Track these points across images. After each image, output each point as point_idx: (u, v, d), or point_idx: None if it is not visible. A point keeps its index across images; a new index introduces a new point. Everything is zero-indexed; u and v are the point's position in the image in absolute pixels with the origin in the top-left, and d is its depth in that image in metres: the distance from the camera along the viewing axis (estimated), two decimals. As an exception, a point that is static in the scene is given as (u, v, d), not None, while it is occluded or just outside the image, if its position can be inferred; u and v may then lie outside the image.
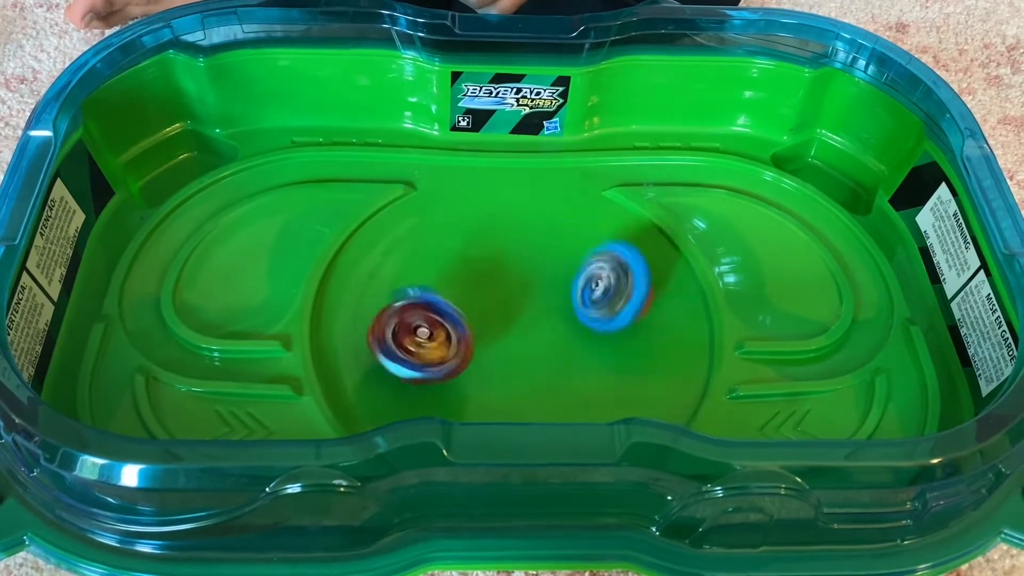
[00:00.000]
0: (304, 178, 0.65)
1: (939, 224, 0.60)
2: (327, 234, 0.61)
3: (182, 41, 0.61)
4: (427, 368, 0.51)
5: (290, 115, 0.66)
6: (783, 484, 0.40)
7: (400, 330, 0.52)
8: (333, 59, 0.64)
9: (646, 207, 0.64)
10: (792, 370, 0.57)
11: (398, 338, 0.52)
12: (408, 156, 0.66)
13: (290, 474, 0.39)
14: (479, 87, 0.65)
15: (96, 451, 0.40)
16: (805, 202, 0.66)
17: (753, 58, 0.66)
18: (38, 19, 0.78)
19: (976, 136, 0.56)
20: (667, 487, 0.42)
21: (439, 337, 0.52)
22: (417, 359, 0.51)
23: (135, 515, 0.41)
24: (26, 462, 0.42)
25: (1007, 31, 0.84)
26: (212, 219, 0.62)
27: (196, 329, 0.56)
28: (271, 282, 0.59)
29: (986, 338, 0.54)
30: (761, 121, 0.69)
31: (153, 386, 0.53)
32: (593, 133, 0.68)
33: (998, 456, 0.42)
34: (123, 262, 0.59)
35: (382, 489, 0.41)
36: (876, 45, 0.62)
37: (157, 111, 0.64)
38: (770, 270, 0.62)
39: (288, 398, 0.53)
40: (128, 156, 0.63)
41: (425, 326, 0.52)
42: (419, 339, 0.52)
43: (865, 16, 0.85)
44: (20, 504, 0.43)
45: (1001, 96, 0.78)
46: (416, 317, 0.52)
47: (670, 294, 0.60)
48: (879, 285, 0.61)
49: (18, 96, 0.72)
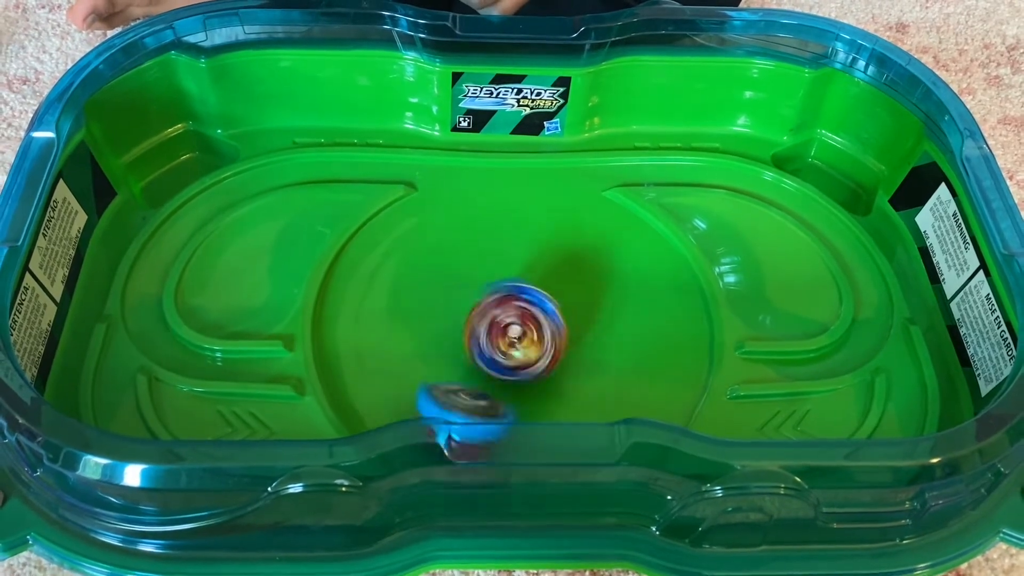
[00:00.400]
0: (305, 179, 0.65)
1: (939, 224, 0.60)
2: (328, 234, 0.62)
3: (184, 42, 0.61)
4: (519, 372, 0.51)
5: (291, 116, 0.66)
6: (782, 484, 0.40)
7: (493, 330, 0.51)
8: (334, 60, 0.64)
9: (646, 207, 0.65)
10: (792, 370, 0.57)
11: (492, 339, 0.51)
12: (409, 157, 0.67)
13: (292, 474, 0.39)
14: (480, 88, 0.65)
15: (99, 451, 0.40)
16: (805, 202, 0.66)
17: (753, 59, 0.66)
18: (40, 20, 0.78)
19: (975, 136, 0.56)
20: (667, 487, 0.42)
21: (531, 335, 0.50)
22: (511, 361, 0.51)
23: (138, 515, 0.42)
24: (29, 462, 0.42)
25: (1007, 31, 0.84)
26: (214, 219, 0.62)
27: (198, 329, 0.56)
28: (273, 282, 0.59)
29: (985, 338, 0.54)
30: (761, 121, 0.69)
31: (155, 386, 0.53)
32: (593, 133, 0.68)
33: (997, 456, 0.42)
34: (125, 262, 0.59)
35: (384, 489, 0.41)
36: (875, 46, 0.63)
37: (159, 112, 0.64)
38: (770, 270, 0.62)
39: (290, 398, 0.54)
40: (130, 157, 0.64)
41: (518, 323, 0.50)
42: (512, 338, 0.50)
43: (865, 16, 0.86)
44: (23, 504, 0.43)
45: (1001, 96, 0.79)
46: (508, 314, 0.51)
47: (670, 294, 0.60)
48: (879, 285, 0.62)
49: (20, 97, 0.73)
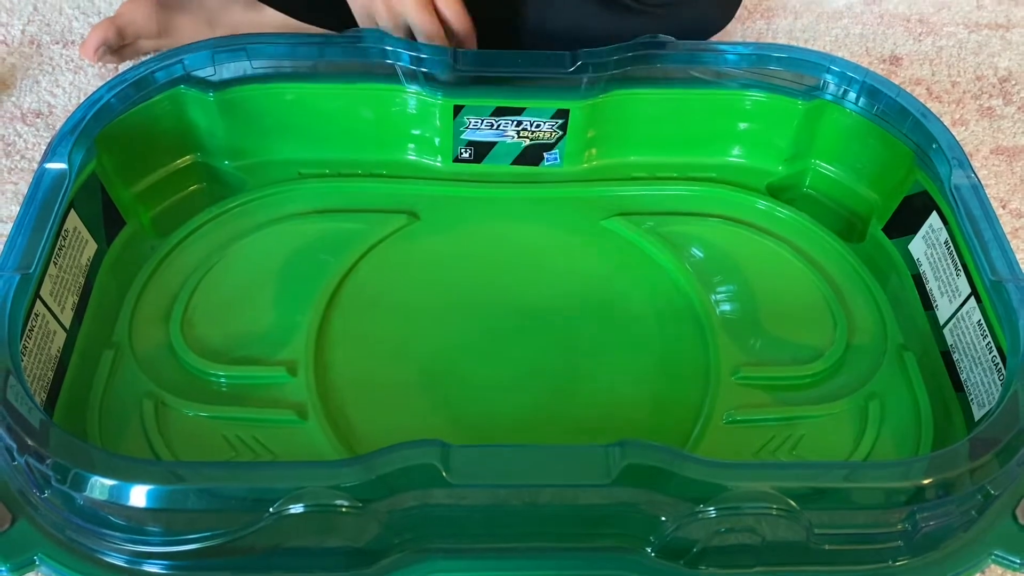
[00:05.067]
0: (310, 208, 0.66)
1: (931, 252, 0.61)
2: (332, 263, 0.63)
3: (193, 76, 0.63)
4: None
5: (297, 147, 0.68)
6: (774, 505, 0.41)
7: None
8: (339, 93, 0.66)
9: (644, 236, 0.66)
10: (787, 395, 0.58)
11: None
12: (411, 187, 0.68)
13: (293, 495, 0.40)
14: (481, 120, 0.67)
15: (105, 472, 0.41)
16: (800, 230, 0.67)
17: (747, 91, 0.67)
18: (54, 55, 0.81)
19: (964, 166, 0.57)
20: (661, 508, 0.42)
21: None
22: None
23: (143, 535, 0.42)
24: (38, 484, 0.43)
25: (999, 63, 0.86)
26: (220, 248, 0.64)
27: (204, 355, 0.57)
28: (277, 309, 0.61)
29: (978, 363, 0.55)
30: (756, 152, 0.70)
31: (161, 411, 0.54)
32: (592, 164, 0.70)
33: (987, 477, 0.43)
34: (133, 290, 0.61)
35: (383, 510, 0.42)
36: (866, 78, 0.64)
37: (168, 144, 0.66)
38: (766, 297, 0.63)
39: (292, 422, 0.54)
40: (139, 187, 0.65)
41: None
42: None
43: (860, 49, 0.87)
44: (31, 525, 0.44)
45: (993, 127, 0.80)
46: None
47: (667, 321, 0.61)
48: (873, 311, 0.62)
49: (34, 130, 0.75)
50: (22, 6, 0.85)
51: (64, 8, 0.85)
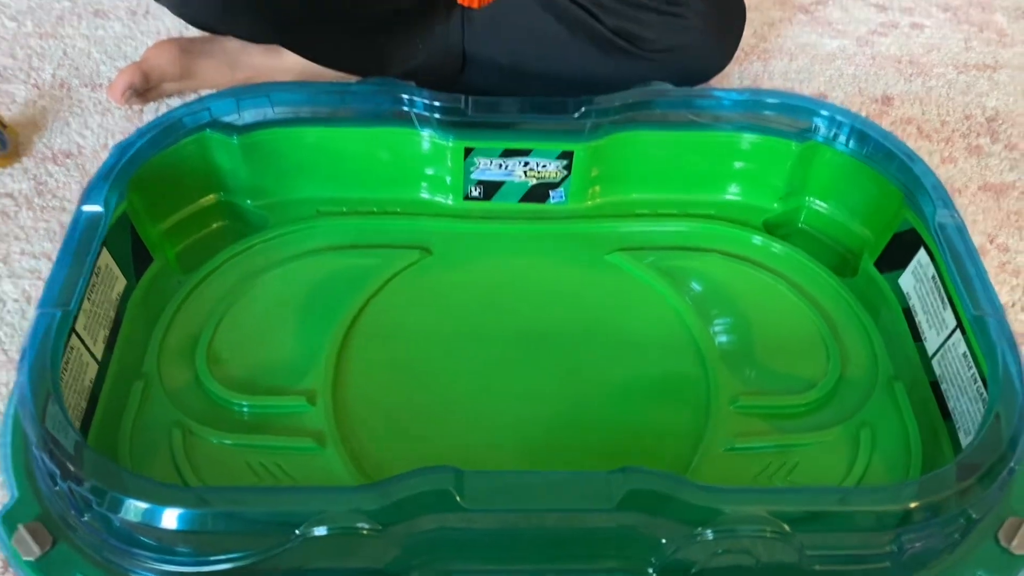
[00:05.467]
0: (328, 244, 0.70)
1: (919, 286, 0.64)
2: (349, 296, 0.66)
3: (219, 121, 0.67)
4: None
5: (316, 187, 0.71)
6: (768, 527, 0.44)
7: None
8: (356, 136, 0.69)
9: (646, 270, 0.69)
10: (783, 423, 0.60)
11: None
12: (424, 223, 0.71)
13: (318, 518, 0.43)
14: (490, 161, 0.70)
15: (141, 496, 0.44)
16: (796, 265, 0.70)
17: (743, 133, 0.71)
18: (83, 98, 0.85)
19: (948, 206, 0.61)
20: (662, 531, 0.45)
21: None
22: None
23: (175, 556, 0.45)
24: (78, 508, 0.46)
25: (986, 103, 0.90)
26: (243, 283, 0.67)
27: (228, 385, 0.60)
28: (297, 341, 0.64)
29: (964, 393, 0.58)
30: (752, 190, 0.73)
31: (188, 439, 0.57)
32: (595, 201, 0.73)
33: (970, 500, 0.46)
34: (161, 323, 0.64)
35: (401, 533, 0.45)
36: (854, 122, 0.68)
37: (193, 184, 0.69)
38: (762, 329, 0.66)
39: (312, 450, 0.57)
40: (166, 225, 0.69)
41: None
42: None
43: (853, 89, 0.91)
44: (71, 548, 0.47)
45: (981, 164, 0.83)
46: None
47: (668, 352, 0.64)
48: (865, 343, 0.65)
49: (64, 170, 0.78)
50: (52, 51, 0.89)
51: (92, 53, 0.89)
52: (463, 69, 0.79)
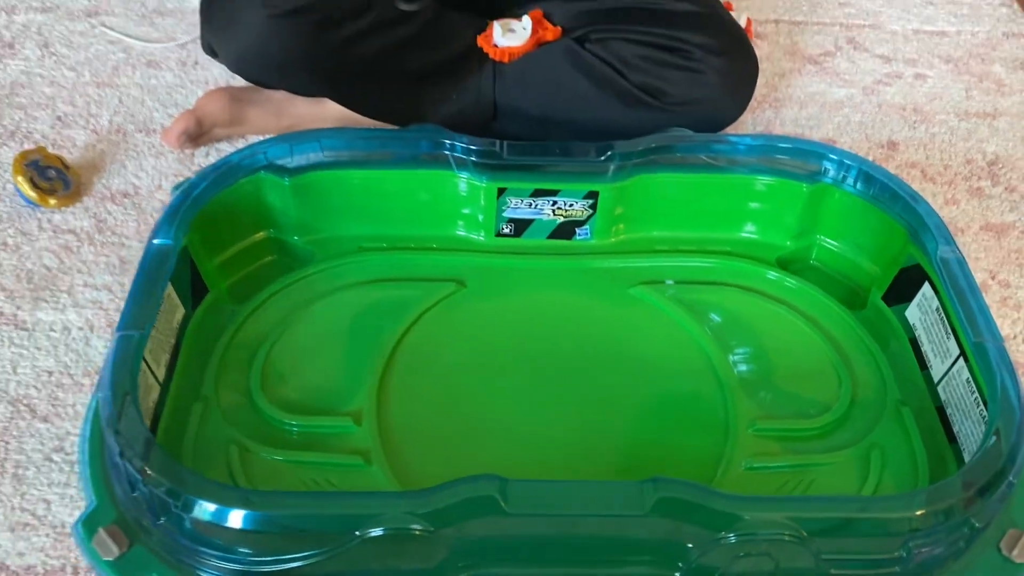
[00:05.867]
0: (370, 278, 0.75)
1: (925, 317, 0.69)
2: (391, 325, 0.71)
3: (273, 164, 0.73)
4: None
5: (359, 225, 0.77)
6: (786, 532, 0.48)
7: None
8: (397, 178, 0.75)
9: (667, 303, 0.74)
10: (798, 445, 0.65)
11: None
12: (460, 258, 0.76)
13: (376, 519, 0.47)
14: (521, 200, 0.76)
15: (214, 499, 0.49)
16: (808, 299, 0.75)
17: (757, 175, 0.76)
18: (138, 142, 0.91)
19: (949, 242, 0.65)
20: (688, 536, 0.49)
21: None
22: None
23: (241, 556, 0.50)
24: (154, 511, 0.50)
25: (987, 148, 0.95)
26: (292, 313, 0.72)
27: (279, 407, 0.65)
28: (343, 366, 0.68)
29: (967, 417, 0.62)
30: (766, 229, 0.78)
31: (245, 456, 0.62)
32: (619, 238, 0.78)
33: (972, 510, 0.49)
34: (217, 350, 0.69)
35: (450, 536, 0.49)
36: (861, 165, 0.73)
37: (247, 222, 0.75)
38: (778, 358, 0.70)
39: (359, 466, 0.62)
40: (220, 259, 0.74)
41: None
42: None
43: (859, 135, 0.96)
44: (146, 549, 0.51)
45: (983, 205, 0.88)
46: None
47: (689, 378, 0.69)
48: (874, 371, 0.70)
49: (122, 208, 0.84)
50: (109, 99, 0.95)
51: (146, 101, 0.95)
52: (494, 118, 0.84)
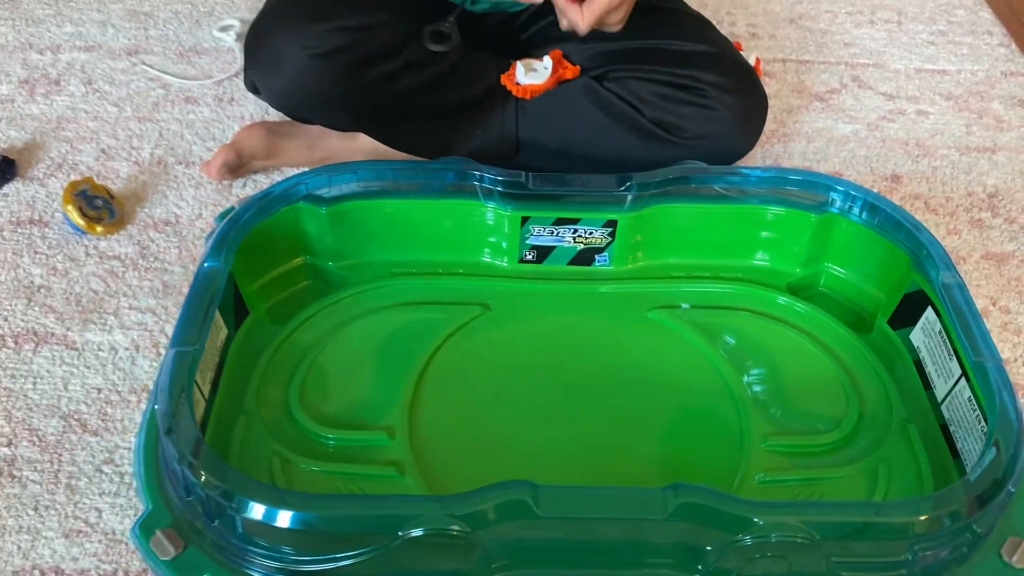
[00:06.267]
0: (401, 301, 0.79)
1: (928, 340, 0.72)
2: (420, 346, 0.75)
3: (311, 194, 0.77)
4: None
5: (390, 251, 0.81)
6: (799, 534, 0.51)
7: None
8: (427, 207, 0.79)
9: (683, 326, 0.78)
10: (808, 460, 0.68)
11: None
12: (485, 283, 0.81)
13: (417, 520, 0.51)
14: (543, 228, 0.80)
15: (266, 500, 0.52)
16: (817, 323, 0.79)
17: (768, 206, 0.80)
18: (178, 174, 0.96)
19: (950, 268, 0.69)
20: (707, 539, 0.53)
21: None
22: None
23: (291, 555, 0.53)
24: (209, 514, 0.54)
25: (987, 181, 0.99)
26: (327, 335, 0.76)
27: (318, 421, 0.69)
28: (376, 384, 0.72)
29: (970, 434, 0.65)
30: (777, 256, 0.82)
31: (286, 466, 0.66)
32: (637, 264, 0.82)
33: (974, 516, 0.53)
34: (258, 368, 0.73)
35: (485, 538, 0.52)
36: (866, 196, 0.77)
37: (285, 248, 0.79)
38: (789, 379, 0.74)
39: (393, 477, 0.65)
40: (260, 283, 0.78)
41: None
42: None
43: (865, 169, 1.00)
44: (199, 551, 0.55)
45: (983, 236, 0.92)
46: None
47: (705, 397, 0.72)
48: (880, 391, 0.73)
49: (164, 236, 0.89)
50: (150, 133, 1.00)
51: (184, 135, 1.00)
52: (517, 152, 0.89)
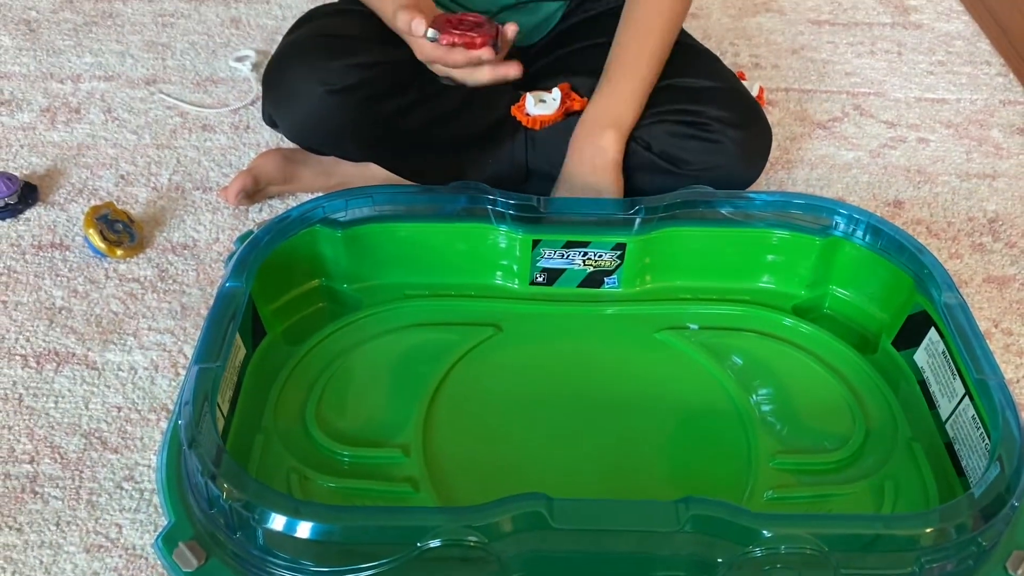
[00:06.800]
0: (414, 322, 0.80)
1: (932, 361, 0.74)
2: (433, 366, 0.76)
3: (328, 218, 0.79)
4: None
5: (404, 274, 0.83)
6: (808, 547, 0.52)
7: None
8: (440, 231, 0.81)
9: (691, 347, 0.79)
10: (815, 477, 0.69)
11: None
12: (496, 305, 0.82)
13: (435, 531, 0.52)
14: (554, 251, 0.82)
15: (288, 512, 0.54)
16: (823, 344, 0.80)
17: (773, 229, 0.82)
18: (196, 199, 0.98)
19: (951, 288, 0.71)
20: (718, 551, 0.54)
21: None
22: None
23: (308, 566, 0.54)
24: (231, 526, 0.55)
25: (987, 207, 1.01)
26: (342, 355, 0.78)
27: (333, 438, 0.70)
28: (390, 403, 0.74)
29: (974, 451, 0.66)
30: (782, 279, 0.84)
31: (303, 482, 0.67)
32: (645, 287, 0.84)
33: (978, 529, 0.54)
34: (275, 388, 0.74)
35: (501, 549, 0.53)
36: (869, 220, 0.79)
37: (301, 271, 0.81)
38: (796, 398, 0.75)
39: (408, 493, 0.67)
40: (276, 305, 0.80)
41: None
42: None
43: (867, 195, 1.03)
44: (221, 563, 0.56)
45: (984, 260, 0.94)
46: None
47: (713, 417, 0.74)
48: (886, 411, 0.74)
49: (182, 259, 0.91)
50: (168, 159, 1.03)
51: (202, 161, 1.03)
52: (526, 180, 0.91)
